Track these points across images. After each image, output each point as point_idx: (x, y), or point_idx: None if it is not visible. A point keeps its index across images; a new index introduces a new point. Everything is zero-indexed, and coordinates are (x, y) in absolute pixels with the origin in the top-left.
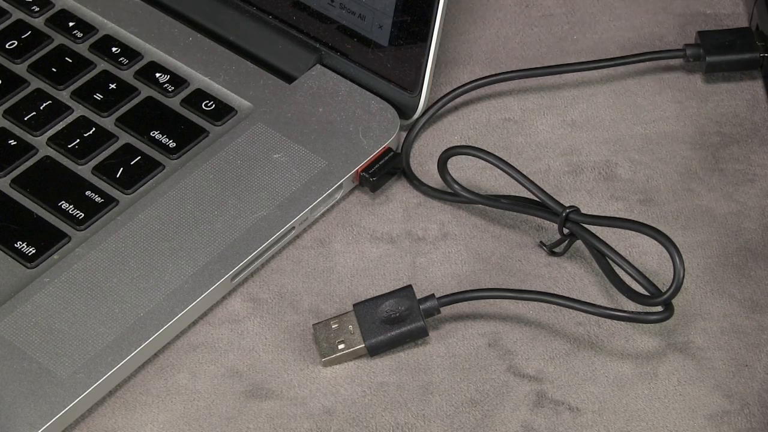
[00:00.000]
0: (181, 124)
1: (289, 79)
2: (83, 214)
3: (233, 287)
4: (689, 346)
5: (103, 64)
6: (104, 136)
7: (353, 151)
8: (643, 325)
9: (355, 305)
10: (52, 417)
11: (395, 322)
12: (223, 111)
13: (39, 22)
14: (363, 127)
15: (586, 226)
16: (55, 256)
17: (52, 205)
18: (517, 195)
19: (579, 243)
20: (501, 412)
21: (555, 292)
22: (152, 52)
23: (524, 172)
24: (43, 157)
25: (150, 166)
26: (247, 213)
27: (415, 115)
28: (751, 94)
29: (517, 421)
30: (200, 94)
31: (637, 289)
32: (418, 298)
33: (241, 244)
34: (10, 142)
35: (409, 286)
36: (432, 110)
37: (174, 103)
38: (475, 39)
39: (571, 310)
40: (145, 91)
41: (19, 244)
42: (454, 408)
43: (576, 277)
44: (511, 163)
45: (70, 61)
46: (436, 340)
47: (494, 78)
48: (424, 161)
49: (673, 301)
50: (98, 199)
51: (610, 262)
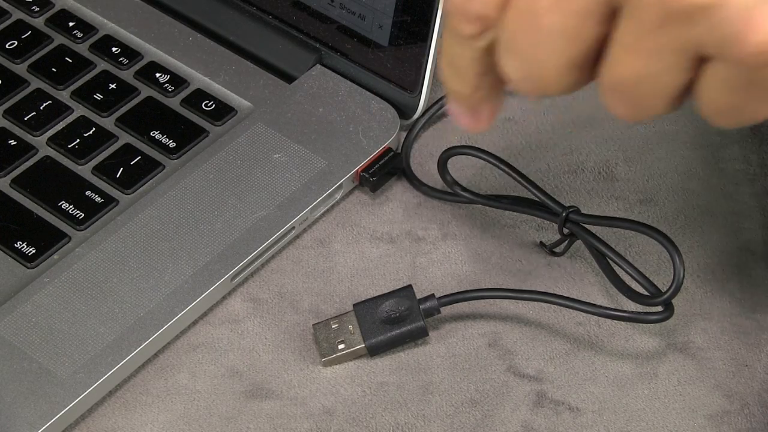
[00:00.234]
0: (181, 124)
1: (289, 79)
2: (83, 214)
3: (233, 287)
4: (689, 346)
5: (103, 64)
6: (104, 136)
7: (353, 151)
8: (643, 325)
9: (355, 305)
10: (52, 417)
11: (395, 322)
12: (223, 111)
13: (39, 22)
14: (363, 127)
15: (586, 226)
16: (55, 256)
17: (52, 205)
18: (517, 195)
19: (579, 243)
20: (501, 412)
21: (555, 292)
22: (152, 52)
23: (524, 172)
24: (43, 157)
25: (150, 166)
26: (247, 213)
27: (415, 115)
28: None
29: (517, 421)
30: (200, 94)
31: (637, 289)
32: (418, 298)
33: (241, 244)
34: (10, 142)
35: (409, 286)
36: (432, 110)
37: (174, 103)
38: None
39: (571, 310)
40: (145, 91)
41: (19, 244)
42: (454, 408)
43: (576, 277)
44: (510, 163)
45: (70, 61)
46: (436, 340)
47: None
48: (424, 161)
49: (673, 301)
50: (98, 199)
51: (610, 262)
